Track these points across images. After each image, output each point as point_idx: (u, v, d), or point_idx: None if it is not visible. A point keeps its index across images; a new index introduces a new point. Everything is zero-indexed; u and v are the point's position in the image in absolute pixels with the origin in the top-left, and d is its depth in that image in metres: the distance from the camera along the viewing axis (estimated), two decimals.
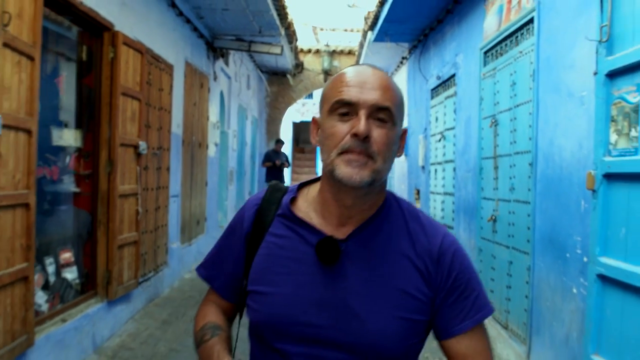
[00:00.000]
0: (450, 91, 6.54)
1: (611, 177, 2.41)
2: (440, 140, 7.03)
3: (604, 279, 2.45)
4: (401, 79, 10.14)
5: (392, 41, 8.43)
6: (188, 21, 6.21)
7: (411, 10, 6.72)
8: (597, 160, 2.50)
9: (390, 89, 1.06)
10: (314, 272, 1.06)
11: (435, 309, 1.08)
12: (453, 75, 6.38)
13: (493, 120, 4.87)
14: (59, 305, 3.70)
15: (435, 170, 7.31)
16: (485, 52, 5.19)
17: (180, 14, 5.87)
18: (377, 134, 1.02)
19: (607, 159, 2.43)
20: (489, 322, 4.86)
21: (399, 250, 1.08)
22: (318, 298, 1.05)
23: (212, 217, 7.94)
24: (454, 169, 6.29)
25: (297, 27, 9.33)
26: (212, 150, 7.76)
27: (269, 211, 1.14)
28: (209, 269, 1.24)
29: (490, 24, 5.05)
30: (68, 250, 3.93)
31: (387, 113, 1.03)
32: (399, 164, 10.22)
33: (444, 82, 6.86)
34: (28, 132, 2.95)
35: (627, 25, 2.35)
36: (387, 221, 1.11)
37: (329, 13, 19.75)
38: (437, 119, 7.28)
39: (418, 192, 8.43)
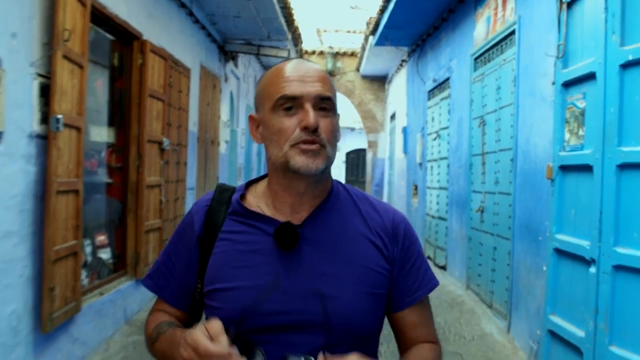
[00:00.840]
0: (445, 93, 7.06)
1: (565, 169, 2.94)
2: (435, 138, 7.55)
3: (559, 252, 2.97)
4: (401, 81, 10.65)
5: (392, 45, 8.96)
6: (203, 27, 6.73)
7: (409, 17, 7.23)
8: (555, 154, 3.03)
9: (327, 80, 1.10)
10: (274, 261, 1.07)
11: (392, 281, 1.13)
12: (447, 79, 6.90)
13: (481, 121, 5.39)
14: (97, 281, 4.23)
15: (432, 167, 7.83)
16: (475, 58, 5.71)
17: (197, 21, 6.40)
18: (324, 123, 1.06)
19: (562, 153, 2.95)
20: (476, 304, 5.40)
21: (354, 229, 1.12)
22: (282, 285, 1.05)
23: None
24: (448, 165, 6.81)
25: (302, 29, 9.82)
26: (222, 147, 8.29)
27: (219, 211, 1.14)
28: (156, 279, 1.19)
29: (480, 32, 5.56)
30: (103, 234, 4.46)
31: (329, 103, 1.08)
32: (399, 161, 10.74)
33: (440, 84, 7.38)
34: (78, 129, 3.48)
35: (577, 44, 2.87)
36: (338, 204, 1.14)
37: (332, 14, 20.19)
38: (433, 118, 7.80)
39: (416, 187, 8.94)
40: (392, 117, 12.17)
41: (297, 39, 9.59)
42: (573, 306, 2.79)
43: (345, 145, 22.24)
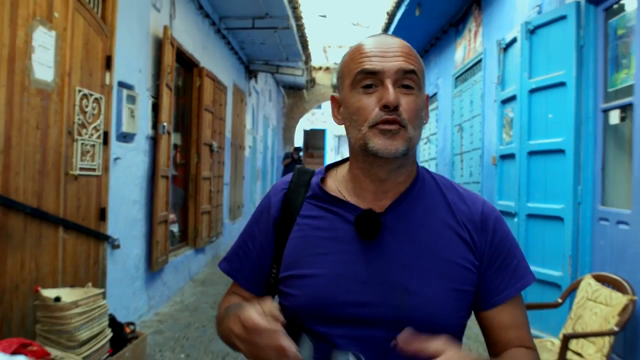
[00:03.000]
0: (434, 105, 8.56)
1: (502, 157, 4.43)
2: (426, 143, 9.05)
3: (503, 214, 4.46)
4: None
5: None
6: (235, 53, 8.25)
7: (405, 41, 8.72)
8: (497, 148, 4.52)
9: (412, 53, 1.01)
10: (354, 250, 0.99)
11: (479, 278, 1.02)
12: (435, 94, 8.40)
13: (459, 127, 6.88)
14: (171, 247, 5.71)
15: (423, 167, 9.30)
16: (456, 78, 7.21)
17: (232, 48, 7.91)
18: (406, 101, 0.96)
19: (501, 147, 4.45)
20: None
21: (439, 220, 1.02)
22: (362, 275, 0.97)
23: (246, 205, 9.96)
24: (436, 165, 8.29)
25: (310, 47, 11.32)
26: (247, 152, 9.78)
27: (298, 194, 1.08)
28: (232, 262, 1.16)
29: (458, 57, 7.07)
30: (172, 213, 5.94)
31: (413, 78, 0.98)
32: None
33: (429, 98, 8.85)
34: (169, 133, 4.97)
35: (508, 75, 4.37)
36: (423, 192, 1.05)
37: (335, 31, 21.77)
38: (424, 126, 9.28)
39: None
40: None
41: (308, 58, 11.11)
42: None
43: (345, 151, 23.76)
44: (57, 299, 2.71)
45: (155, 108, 4.61)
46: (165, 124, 4.61)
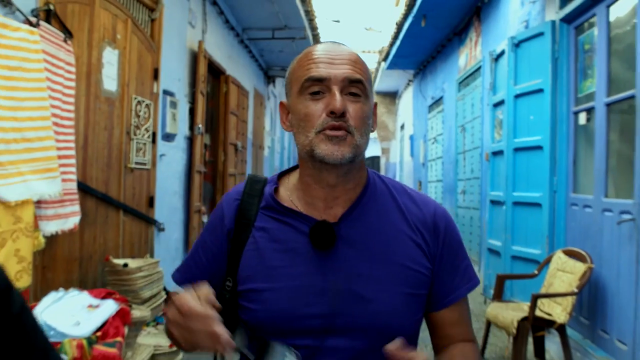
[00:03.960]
0: (440, 108, 9.19)
1: (494, 154, 5.06)
2: (433, 143, 9.68)
3: (492, 202, 5.09)
4: (408, 97, 12.79)
5: (400, 69, 11.12)
6: (256, 60, 8.95)
7: (413, 50, 9.37)
8: (489, 146, 5.16)
9: (359, 62, 1.02)
10: (310, 261, 1.00)
11: (432, 280, 1.06)
12: (441, 97, 9.02)
13: (462, 128, 7.51)
14: None
15: (431, 165, 9.94)
16: (459, 83, 7.83)
17: (253, 56, 8.62)
18: (353, 108, 0.98)
19: (492, 145, 5.08)
20: None
21: (392, 225, 1.04)
22: (319, 287, 0.99)
23: None
24: (442, 163, 8.91)
25: None
26: (265, 151, 10.48)
27: (251, 205, 1.07)
28: (183, 273, 1.13)
29: (461, 64, 7.69)
30: (203, 205, 6.63)
31: (359, 86, 0.99)
32: (407, 163, 12.85)
33: (436, 101, 9.51)
34: (202, 134, 5.66)
35: (498, 82, 5.01)
36: (375, 198, 1.07)
37: (349, 36, 22.45)
38: (432, 127, 9.92)
39: (420, 183, 11.06)
40: (402, 127, 14.29)
41: None
42: (497, 231, 4.91)
43: None
44: (125, 265, 3.40)
45: (192, 112, 5.32)
46: (200, 125, 5.31)
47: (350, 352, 0.96)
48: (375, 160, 22.53)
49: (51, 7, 3.00)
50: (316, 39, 8.76)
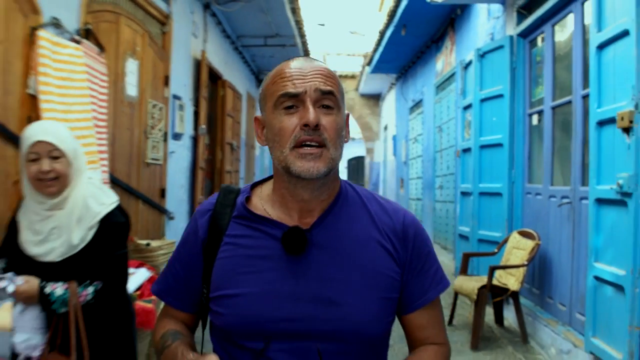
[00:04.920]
0: (420, 110, 9.88)
1: (464, 151, 5.75)
2: (414, 142, 10.37)
3: (462, 193, 5.77)
4: (391, 99, 13.49)
5: (383, 72, 11.81)
6: (248, 65, 9.57)
7: (395, 55, 10.05)
8: (459, 144, 5.85)
9: (331, 76, 1.05)
10: (282, 266, 1.03)
11: (402, 284, 1.09)
12: (421, 100, 9.71)
13: (439, 128, 8.20)
14: None
15: (412, 164, 10.64)
16: (437, 87, 8.52)
17: (246, 61, 9.24)
18: (326, 121, 1.01)
19: (462, 143, 5.78)
20: (438, 249, 8.17)
21: (363, 232, 1.08)
22: (290, 291, 1.02)
23: None
24: (422, 161, 9.60)
25: (311, 56, 12.65)
26: (257, 151, 11.10)
27: (224, 214, 1.10)
28: (162, 284, 1.19)
29: (438, 69, 8.38)
30: (204, 199, 7.23)
31: (331, 99, 1.02)
32: (390, 162, 13.55)
33: (417, 103, 10.20)
34: (204, 134, 6.27)
35: (467, 87, 5.70)
36: (347, 206, 1.10)
37: (334, 39, 23.11)
38: (413, 128, 10.62)
39: (402, 180, 11.75)
40: (385, 127, 14.99)
41: None
42: (466, 218, 5.60)
43: (347, 152, 25.14)
44: (148, 244, 4.02)
45: (195, 114, 5.93)
46: (203, 126, 5.94)
47: (323, 355, 0.96)
48: (360, 160, 23.29)
49: (89, 26, 3.62)
50: (305, 46, 9.41)
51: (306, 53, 9.85)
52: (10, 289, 1.80)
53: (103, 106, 3.72)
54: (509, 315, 4.62)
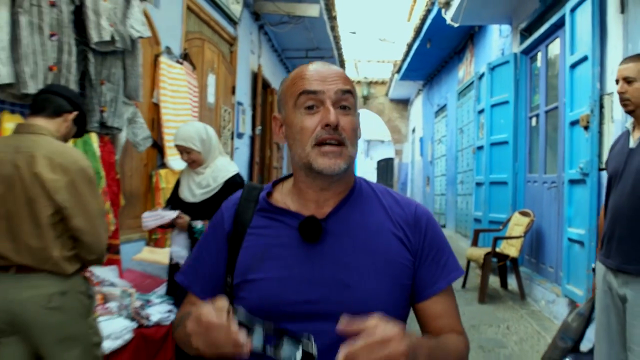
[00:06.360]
0: (444, 113, 10.93)
1: (478, 148, 6.82)
2: (439, 143, 11.42)
3: (476, 184, 6.84)
4: (418, 104, 14.56)
5: (411, 80, 12.89)
6: (288, 70, 10.78)
7: (421, 64, 11.12)
8: (475, 142, 6.92)
9: (348, 80, 1.11)
10: (300, 253, 1.10)
11: (414, 272, 1.14)
12: (445, 105, 10.77)
13: (460, 130, 9.25)
14: None
15: (437, 163, 11.69)
16: (459, 93, 9.56)
17: (289, 71, 10.45)
18: (344, 121, 1.07)
19: (477, 142, 6.84)
20: (460, 237, 9.21)
21: (377, 222, 1.14)
22: (307, 276, 1.08)
23: None
24: (446, 160, 10.65)
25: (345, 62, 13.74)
26: None
27: (247, 209, 1.17)
28: (187, 274, 1.24)
29: (460, 77, 9.43)
30: None
31: (349, 99, 1.09)
32: (417, 162, 14.60)
33: (441, 108, 11.26)
34: (259, 134, 7.47)
35: (481, 94, 6.77)
36: (361, 199, 1.17)
37: (364, 46, 24.16)
38: (438, 130, 11.67)
39: (428, 178, 12.80)
40: (413, 130, 16.03)
41: None
42: (479, 205, 6.67)
43: (377, 154, 26.23)
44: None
45: (253, 117, 7.14)
46: (259, 127, 7.14)
47: (336, 335, 0.95)
48: (389, 161, 24.28)
49: (187, 51, 4.83)
50: (340, 57, 10.57)
51: (341, 63, 11.02)
52: (173, 216, 3.00)
53: (196, 111, 4.93)
54: (512, 282, 5.68)
